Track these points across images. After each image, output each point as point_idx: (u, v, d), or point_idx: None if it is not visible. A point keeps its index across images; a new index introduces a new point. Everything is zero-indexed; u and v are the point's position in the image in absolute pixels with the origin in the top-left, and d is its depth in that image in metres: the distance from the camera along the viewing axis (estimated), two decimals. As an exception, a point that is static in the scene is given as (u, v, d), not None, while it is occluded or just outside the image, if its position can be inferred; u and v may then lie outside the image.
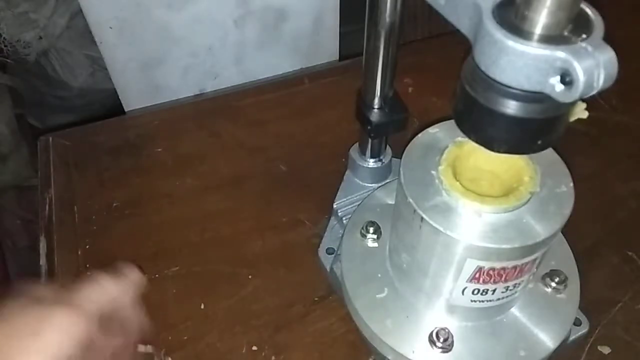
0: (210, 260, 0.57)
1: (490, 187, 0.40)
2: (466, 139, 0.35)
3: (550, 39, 0.27)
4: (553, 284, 0.46)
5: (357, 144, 0.58)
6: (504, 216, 0.37)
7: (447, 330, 0.43)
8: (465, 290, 0.40)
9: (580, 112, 0.34)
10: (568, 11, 0.27)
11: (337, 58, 0.94)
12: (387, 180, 0.58)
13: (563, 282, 0.46)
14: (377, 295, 0.46)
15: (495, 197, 0.37)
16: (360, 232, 0.50)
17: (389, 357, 0.44)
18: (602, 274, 0.54)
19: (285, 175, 0.66)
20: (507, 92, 0.29)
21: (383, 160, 0.57)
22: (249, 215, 0.61)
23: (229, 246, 0.58)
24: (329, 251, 0.55)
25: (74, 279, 0.55)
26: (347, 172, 0.60)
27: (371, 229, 0.49)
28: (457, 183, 0.38)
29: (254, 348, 0.50)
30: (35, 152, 0.69)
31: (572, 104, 0.30)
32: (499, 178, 0.40)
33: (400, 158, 0.41)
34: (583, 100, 0.29)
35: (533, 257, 0.38)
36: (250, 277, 0.56)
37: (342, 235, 0.52)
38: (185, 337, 0.51)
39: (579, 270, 0.48)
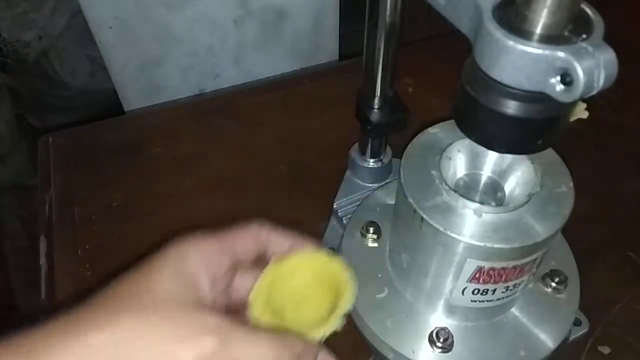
0: (210, 260, 0.57)
1: None
2: None
3: (551, 39, 0.27)
4: (553, 284, 0.46)
5: (357, 144, 0.58)
6: (504, 216, 0.37)
7: (447, 330, 0.43)
8: (466, 290, 0.40)
9: (581, 112, 0.34)
10: (568, 11, 0.27)
11: (337, 58, 0.94)
12: (387, 180, 0.58)
13: (563, 282, 0.46)
14: (377, 295, 0.46)
15: None
16: (360, 232, 0.50)
17: (389, 357, 0.44)
18: (602, 274, 0.54)
19: (285, 175, 0.66)
20: (507, 92, 0.29)
21: (383, 160, 0.57)
22: (248, 215, 0.61)
23: (229, 246, 0.58)
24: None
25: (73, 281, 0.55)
26: (347, 172, 0.60)
27: (371, 229, 0.49)
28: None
29: (254, 348, 0.50)
30: (35, 152, 0.69)
31: (572, 104, 0.30)
32: None
33: (400, 158, 0.41)
34: (583, 100, 0.29)
35: (533, 257, 0.38)
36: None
37: (342, 235, 0.52)
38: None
39: (579, 270, 0.47)
